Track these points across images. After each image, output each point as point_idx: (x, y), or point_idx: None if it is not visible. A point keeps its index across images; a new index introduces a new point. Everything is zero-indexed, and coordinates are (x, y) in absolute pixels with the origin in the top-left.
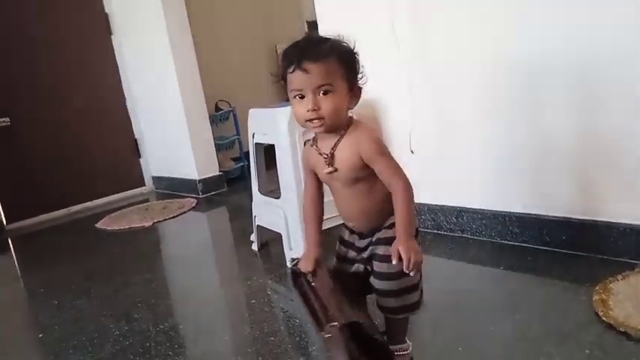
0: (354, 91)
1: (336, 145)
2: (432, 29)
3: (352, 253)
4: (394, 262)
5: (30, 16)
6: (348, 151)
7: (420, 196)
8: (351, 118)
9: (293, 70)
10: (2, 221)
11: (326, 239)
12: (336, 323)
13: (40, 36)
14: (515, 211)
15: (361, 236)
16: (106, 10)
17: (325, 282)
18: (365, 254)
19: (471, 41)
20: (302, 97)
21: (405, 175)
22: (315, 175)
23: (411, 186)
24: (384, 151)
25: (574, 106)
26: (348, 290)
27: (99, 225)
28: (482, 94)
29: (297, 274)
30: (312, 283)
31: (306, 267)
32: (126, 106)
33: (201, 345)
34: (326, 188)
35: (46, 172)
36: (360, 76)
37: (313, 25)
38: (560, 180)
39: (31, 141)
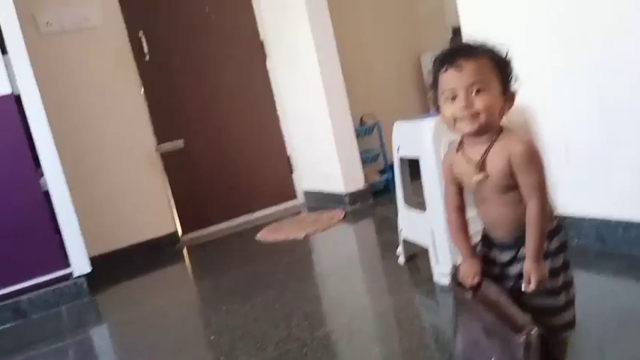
0: (508, 94)
1: (487, 150)
2: (589, 32)
3: (496, 270)
4: (523, 287)
5: (199, 49)
6: (499, 157)
7: (581, 209)
8: (502, 125)
9: (445, 70)
10: (178, 232)
11: None
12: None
13: (205, 66)
14: None
15: (502, 248)
16: (261, 37)
17: (495, 292)
18: (511, 271)
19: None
20: (454, 97)
21: (545, 195)
22: (459, 185)
23: (546, 208)
24: (533, 162)
25: None
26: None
27: (258, 237)
28: None
29: (457, 282)
30: (484, 294)
31: (469, 279)
32: (280, 125)
33: (353, 355)
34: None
35: (213, 188)
36: (512, 81)
37: (458, 31)
38: None
39: (200, 161)
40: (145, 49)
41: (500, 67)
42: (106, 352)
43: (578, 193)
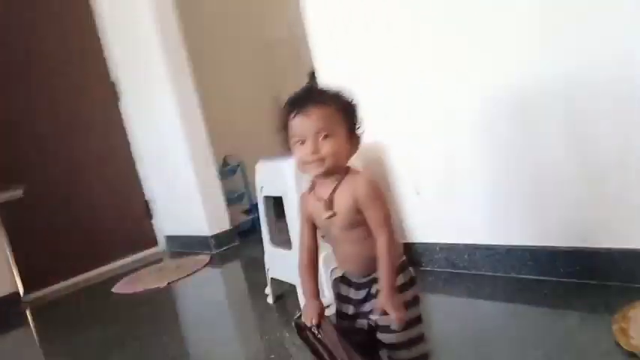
0: (353, 139)
1: (335, 189)
2: (432, 65)
3: (351, 309)
4: (374, 317)
5: (41, 89)
6: (346, 195)
7: (430, 236)
8: (349, 167)
9: (295, 116)
10: (19, 292)
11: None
12: None
13: (49, 106)
14: (528, 244)
15: (358, 287)
16: (112, 79)
17: (331, 335)
18: (365, 308)
19: (465, 78)
20: (303, 142)
21: (391, 227)
22: (312, 225)
23: (395, 240)
24: (376, 198)
25: (566, 132)
26: (357, 346)
27: (115, 289)
28: (481, 129)
29: (301, 328)
30: (319, 336)
31: (309, 320)
32: (136, 169)
33: None
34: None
35: (59, 240)
36: (358, 125)
37: (313, 74)
38: (569, 209)
39: (44, 210)
40: None
41: (346, 112)
42: None
43: (428, 222)
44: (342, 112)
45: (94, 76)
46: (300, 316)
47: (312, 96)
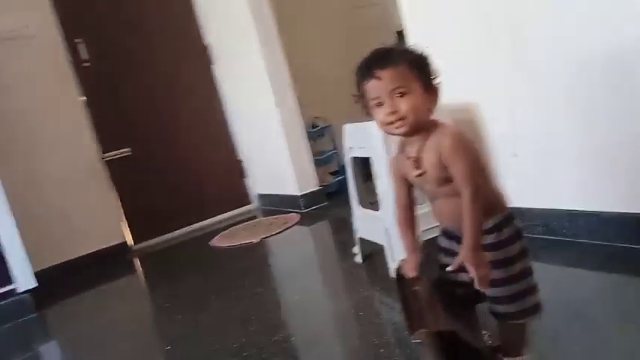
0: (431, 91)
1: (421, 147)
2: (529, 31)
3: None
4: (450, 268)
5: (140, 53)
6: (432, 152)
7: (527, 200)
8: (435, 121)
9: (367, 82)
10: (128, 242)
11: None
12: (424, 330)
13: (149, 71)
14: (635, 210)
15: (459, 241)
16: (206, 42)
17: (426, 288)
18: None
19: (568, 40)
20: (380, 104)
21: (475, 182)
22: (405, 181)
23: (479, 197)
24: (459, 151)
25: None
26: (455, 299)
27: (212, 243)
28: (579, 91)
29: (400, 277)
30: (415, 288)
31: (408, 272)
32: (229, 130)
33: (314, 356)
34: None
35: (163, 196)
36: (433, 77)
37: (401, 33)
38: None
39: (149, 168)
40: (85, 56)
41: (418, 67)
42: None
43: (525, 185)
44: (413, 67)
45: (189, 40)
46: (400, 268)
47: (379, 58)
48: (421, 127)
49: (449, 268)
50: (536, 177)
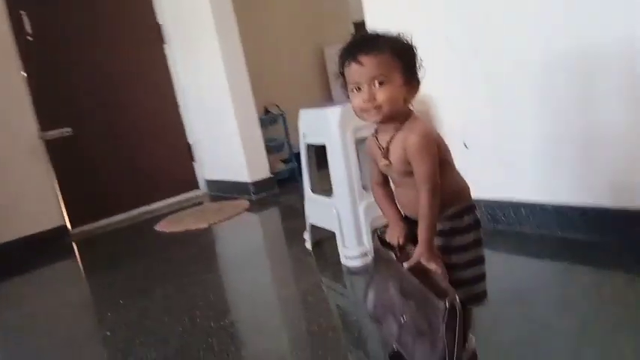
0: (412, 83)
1: (392, 138)
2: (484, 21)
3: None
4: (406, 266)
5: (88, 29)
6: (399, 146)
7: (477, 192)
8: (410, 111)
9: (349, 64)
10: (67, 226)
11: None
12: (457, 297)
13: (97, 48)
14: (576, 202)
15: (417, 226)
16: (159, 21)
17: (404, 259)
18: None
19: (524, 32)
20: (359, 89)
21: (433, 184)
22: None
23: (435, 198)
24: (422, 152)
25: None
26: None
27: (157, 228)
28: (536, 82)
29: (382, 241)
30: (400, 256)
31: (395, 240)
32: (179, 112)
33: (262, 342)
34: None
35: (106, 178)
36: (417, 69)
37: (361, 25)
38: (626, 168)
39: (91, 149)
40: (28, 29)
41: (402, 57)
42: None
43: (475, 177)
44: (397, 56)
45: (140, 18)
46: (383, 232)
47: (365, 43)
48: (395, 117)
49: (405, 265)
50: (484, 169)
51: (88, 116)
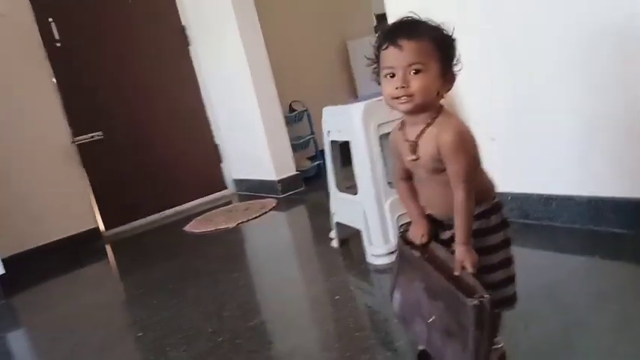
0: (448, 76)
1: (422, 132)
2: (508, 9)
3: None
4: (456, 273)
5: (114, 34)
6: (430, 142)
7: (504, 185)
8: (442, 106)
9: (386, 47)
10: (100, 228)
11: None
12: (487, 295)
13: (123, 52)
14: (609, 195)
15: (442, 227)
16: (183, 23)
17: (444, 253)
18: (453, 247)
19: (548, 16)
20: (393, 75)
21: (470, 183)
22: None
23: (472, 197)
24: (459, 150)
25: None
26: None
27: (187, 228)
28: (564, 70)
29: (406, 242)
30: (425, 256)
31: (419, 238)
32: (206, 113)
33: (290, 341)
34: None
35: (136, 180)
36: (455, 62)
37: (382, 17)
38: None
39: (121, 152)
40: (56, 36)
41: (441, 48)
42: (23, 357)
43: (502, 170)
44: (437, 46)
45: (165, 21)
46: (407, 230)
47: (406, 27)
48: (426, 109)
49: (456, 273)
50: (512, 161)
51: (118, 120)
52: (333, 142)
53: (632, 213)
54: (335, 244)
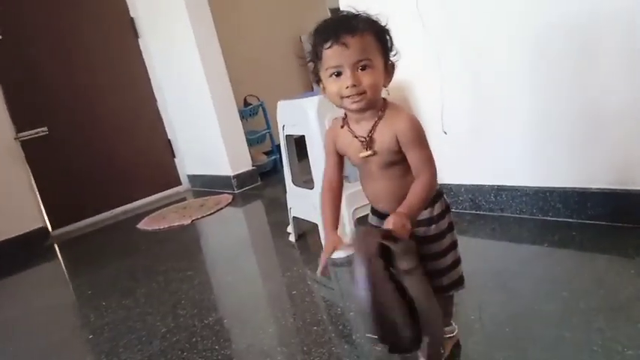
0: (388, 68)
1: (374, 127)
2: (459, 5)
3: None
4: (387, 226)
5: (60, 26)
6: (386, 134)
7: (457, 177)
8: (385, 99)
9: (330, 46)
10: (47, 227)
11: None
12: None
13: (70, 46)
14: (557, 185)
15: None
16: (132, 15)
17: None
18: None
19: (501, 7)
20: (339, 74)
21: (434, 169)
22: (338, 159)
23: (435, 181)
24: (421, 139)
25: (624, 72)
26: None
27: (140, 226)
28: (514, 66)
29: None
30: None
31: (328, 253)
32: (157, 107)
33: (246, 338)
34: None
35: (85, 177)
36: (393, 52)
37: (336, 12)
38: (603, 150)
39: (68, 149)
40: None
41: (382, 40)
42: None
43: (455, 162)
44: (379, 39)
45: (112, 12)
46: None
47: (347, 23)
48: (375, 104)
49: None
50: (465, 154)
51: (64, 114)
52: (288, 137)
53: (577, 203)
54: (292, 238)
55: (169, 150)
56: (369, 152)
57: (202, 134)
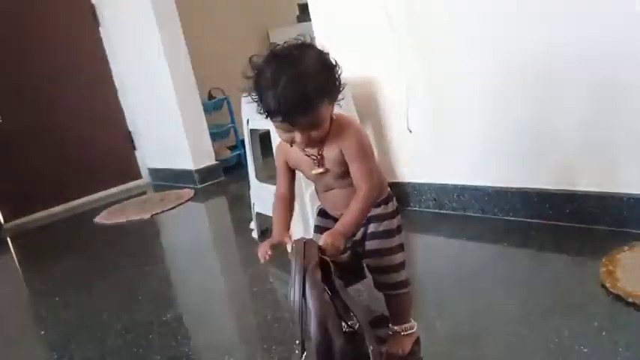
0: (335, 97)
1: (322, 147)
2: (425, 4)
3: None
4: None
5: (15, 12)
6: (334, 149)
7: (420, 176)
8: (331, 116)
9: (280, 121)
10: (0, 220)
11: None
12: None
13: (26, 33)
14: (517, 186)
15: (336, 221)
16: (92, 2)
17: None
18: (356, 237)
19: (462, 11)
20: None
21: (373, 183)
22: (290, 172)
23: (373, 194)
24: (361, 153)
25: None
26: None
27: (97, 219)
28: (481, 68)
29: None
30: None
31: (266, 256)
32: (118, 98)
33: (205, 335)
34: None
35: (41, 168)
36: (339, 84)
37: (304, 7)
38: (563, 152)
39: (23, 139)
40: None
41: (331, 89)
42: None
43: (419, 162)
44: (328, 93)
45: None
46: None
47: (298, 103)
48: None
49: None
50: (429, 153)
51: (18, 103)
52: (252, 131)
53: (536, 203)
54: (255, 234)
55: (130, 142)
56: (322, 169)
57: (165, 127)
